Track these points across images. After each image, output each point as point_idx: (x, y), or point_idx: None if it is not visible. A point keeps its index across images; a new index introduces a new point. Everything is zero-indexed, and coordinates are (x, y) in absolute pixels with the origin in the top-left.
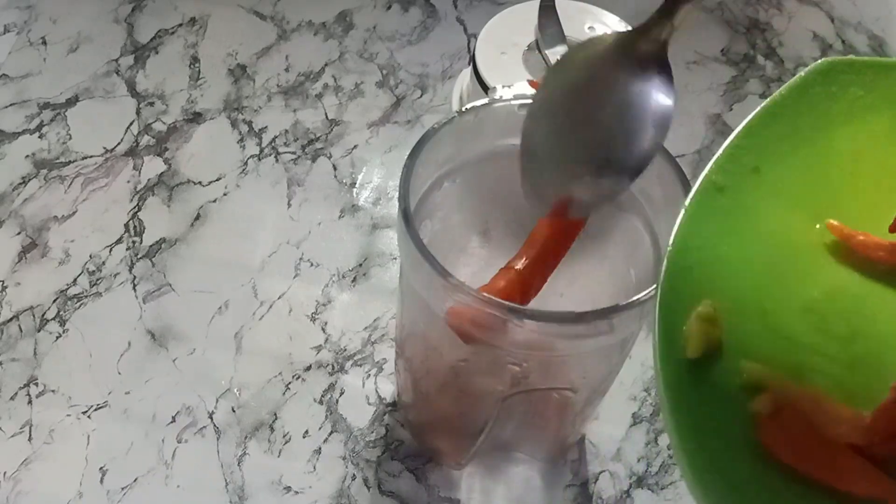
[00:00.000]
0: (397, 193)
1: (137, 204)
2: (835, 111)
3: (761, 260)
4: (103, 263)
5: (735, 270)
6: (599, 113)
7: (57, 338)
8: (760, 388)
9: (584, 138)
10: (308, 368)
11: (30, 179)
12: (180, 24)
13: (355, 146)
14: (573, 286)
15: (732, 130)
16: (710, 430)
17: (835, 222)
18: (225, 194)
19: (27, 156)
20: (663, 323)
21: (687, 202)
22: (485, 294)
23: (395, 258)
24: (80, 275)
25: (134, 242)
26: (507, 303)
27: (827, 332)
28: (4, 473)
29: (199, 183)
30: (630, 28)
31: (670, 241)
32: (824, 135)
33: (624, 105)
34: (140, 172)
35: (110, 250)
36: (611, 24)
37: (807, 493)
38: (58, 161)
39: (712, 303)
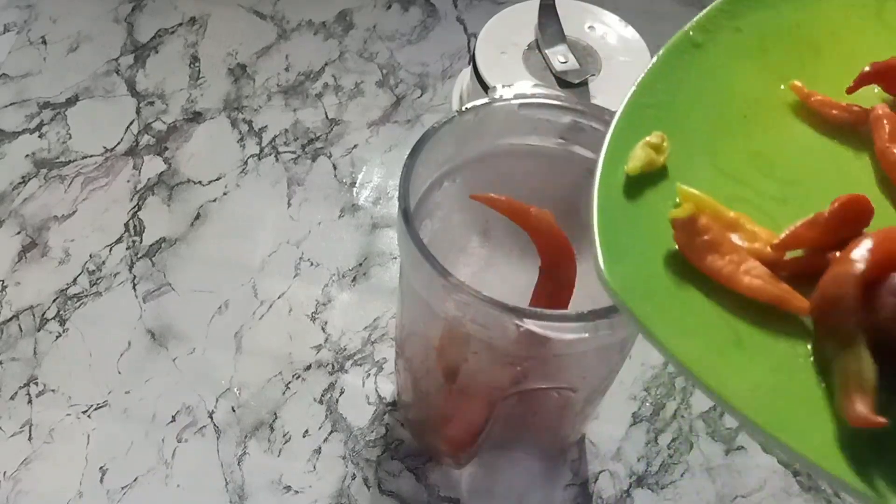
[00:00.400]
0: (397, 193)
1: (137, 203)
2: None
3: (722, 108)
4: (103, 263)
5: (694, 113)
6: None
7: (57, 337)
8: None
9: None
10: (308, 368)
11: (30, 179)
12: (180, 24)
13: (355, 146)
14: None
15: None
16: (634, 241)
17: (797, 83)
18: (225, 194)
19: (27, 155)
20: (612, 148)
21: (660, 52)
22: (484, 294)
23: (396, 258)
24: (79, 274)
25: (134, 242)
26: (507, 303)
27: (770, 175)
28: (4, 473)
29: (199, 182)
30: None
31: (635, 82)
32: (809, 7)
33: None
34: (140, 172)
35: (110, 250)
36: (611, 24)
37: (713, 298)
38: (58, 160)
39: (663, 135)
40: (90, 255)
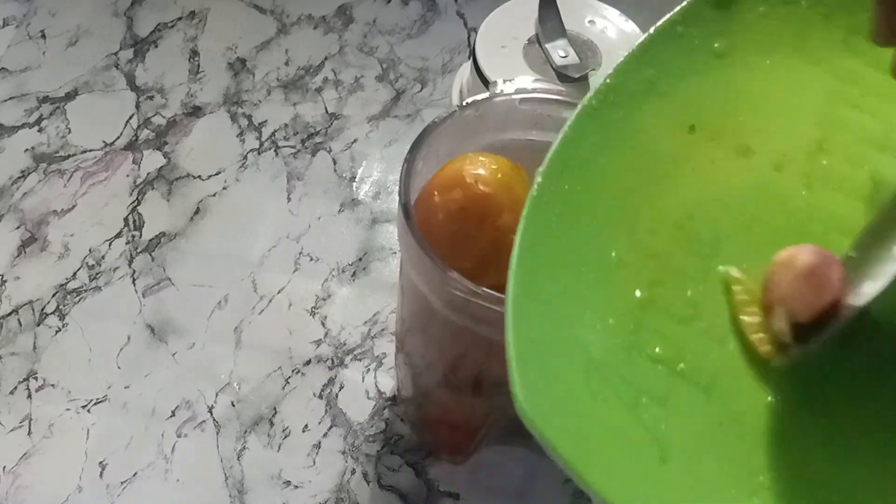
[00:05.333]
0: (397, 188)
1: (137, 198)
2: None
3: (636, 174)
4: (103, 257)
5: (609, 188)
6: None
7: (56, 332)
8: None
9: None
10: (308, 363)
11: (29, 173)
12: (180, 18)
13: (355, 140)
14: None
15: None
16: (551, 362)
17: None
18: (224, 188)
19: (26, 150)
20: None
21: (572, 117)
22: (484, 289)
23: (395, 252)
24: (79, 269)
25: (133, 236)
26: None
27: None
28: (4, 468)
29: (199, 177)
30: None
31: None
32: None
33: None
34: (139, 166)
35: (110, 244)
36: (611, 18)
37: (635, 414)
38: (57, 155)
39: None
40: (90, 250)
